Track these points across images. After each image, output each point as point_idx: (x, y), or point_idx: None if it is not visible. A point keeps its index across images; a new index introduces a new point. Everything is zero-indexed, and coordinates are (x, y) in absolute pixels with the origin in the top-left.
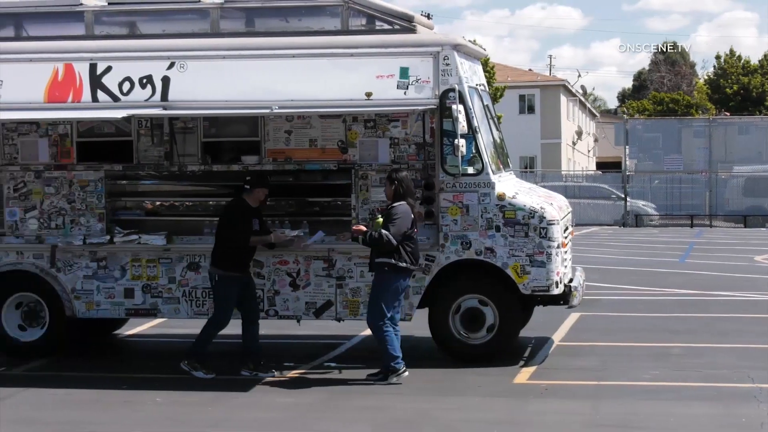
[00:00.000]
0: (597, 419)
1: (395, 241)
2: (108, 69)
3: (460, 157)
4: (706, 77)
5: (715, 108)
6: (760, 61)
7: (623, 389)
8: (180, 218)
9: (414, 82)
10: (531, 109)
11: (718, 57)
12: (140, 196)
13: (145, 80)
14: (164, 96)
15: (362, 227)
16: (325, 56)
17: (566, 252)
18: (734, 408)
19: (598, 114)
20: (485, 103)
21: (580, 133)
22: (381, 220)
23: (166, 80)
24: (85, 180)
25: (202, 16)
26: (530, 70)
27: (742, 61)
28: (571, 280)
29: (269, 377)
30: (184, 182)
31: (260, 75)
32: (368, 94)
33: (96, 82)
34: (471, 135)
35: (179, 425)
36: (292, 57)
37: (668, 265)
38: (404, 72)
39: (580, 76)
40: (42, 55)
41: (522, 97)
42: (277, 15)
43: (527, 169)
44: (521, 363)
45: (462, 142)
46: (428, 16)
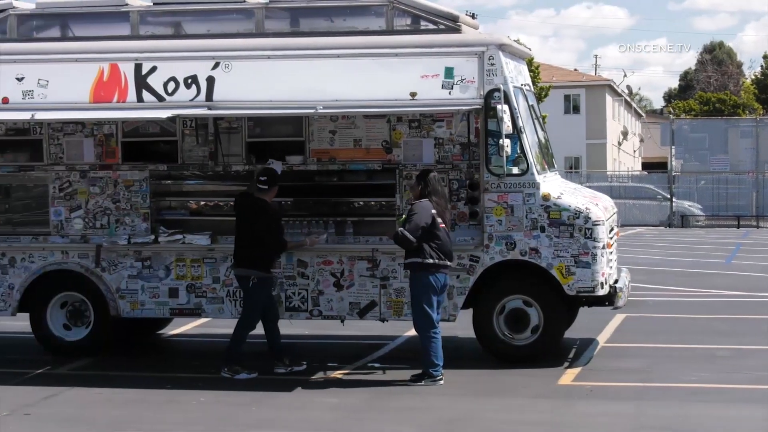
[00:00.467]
0: (642, 421)
1: (412, 237)
2: (153, 69)
3: (505, 158)
4: (753, 77)
5: (762, 108)
6: None
7: (669, 391)
8: (224, 218)
9: (459, 82)
10: (576, 109)
11: (765, 56)
12: (185, 195)
13: (190, 80)
14: (209, 96)
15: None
16: (369, 56)
17: (611, 253)
18: None
19: (643, 114)
20: (530, 103)
21: (625, 134)
22: (401, 219)
23: (210, 80)
24: (130, 180)
25: (247, 16)
26: (575, 69)
27: None
28: (616, 281)
29: (302, 369)
30: (229, 182)
31: (305, 75)
32: (413, 94)
33: (141, 82)
34: (516, 135)
35: (223, 425)
36: (336, 57)
37: (714, 266)
38: (449, 72)
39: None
40: (87, 56)
41: (567, 97)
42: (322, 15)
43: (572, 170)
44: (566, 364)
45: (507, 142)
46: (473, 16)
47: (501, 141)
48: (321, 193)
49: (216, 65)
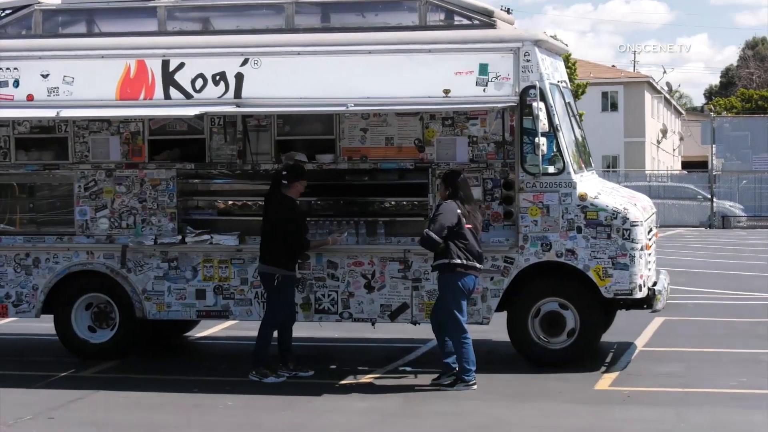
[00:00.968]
0: (682, 428)
1: (438, 238)
2: (181, 65)
3: (541, 156)
4: None
5: None
6: None
7: (709, 396)
8: (253, 218)
9: (494, 79)
10: (614, 107)
11: None
12: (212, 195)
13: (218, 77)
14: (237, 93)
15: None
16: (402, 52)
17: (650, 254)
18: None
19: (683, 112)
20: (567, 101)
21: (665, 132)
22: (428, 220)
23: (239, 77)
24: (156, 179)
25: (276, 12)
26: (613, 66)
27: None
28: (654, 284)
29: (308, 375)
30: (257, 181)
31: (335, 72)
32: (446, 91)
33: (168, 78)
34: (552, 133)
35: (251, 430)
36: (368, 53)
37: (756, 268)
38: (483, 68)
39: (665, 72)
40: (114, 52)
41: (605, 94)
42: (353, 10)
43: (610, 169)
44: (603, 369)
45: (543, 140)
46: (508, 11)
47: (537, 139)
48: (352, 193)
49: (245, 61)
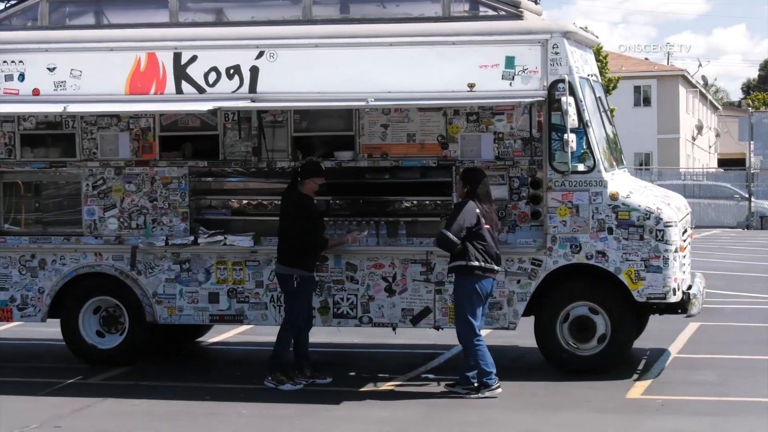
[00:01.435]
0: None
1: (456, 239)
2: (193, 58)
3: (570, 153)
4: None
5: None
6: None
7: (747, 406)
8: (268, 218)
9: (520, 73)
10: (647, 102)
11: None
12: (226, 194)
13: (232, 70)
14: (252, 87)
15: None
16: (424, 45)
17: (685, 256)
18: None
19: (720, 107)
20: (597, 95)
21: (700, 128)
22: (444, 220)
23: (254, 70)
24: (168, 177)
25: (293, 2)
26: (646, 59)
27: None
28: (689, 287)
29: (326, 383)
30: (273, 179)
31: (355, 65)
32: (471, 86)
33: (180, 72)
34: (582, 129)
35: None
36: (389, 45)
37: None
38: (510, 61)
39: (701, 65)
40: (123, 44)
41: (637, 89)
42: (374, 0)
43: (642, 167)
44: (635, 376)
45: (572, 136)
46: (536, 2)
47: (566, 136)
48: (372, 192)
49: (260, 54)
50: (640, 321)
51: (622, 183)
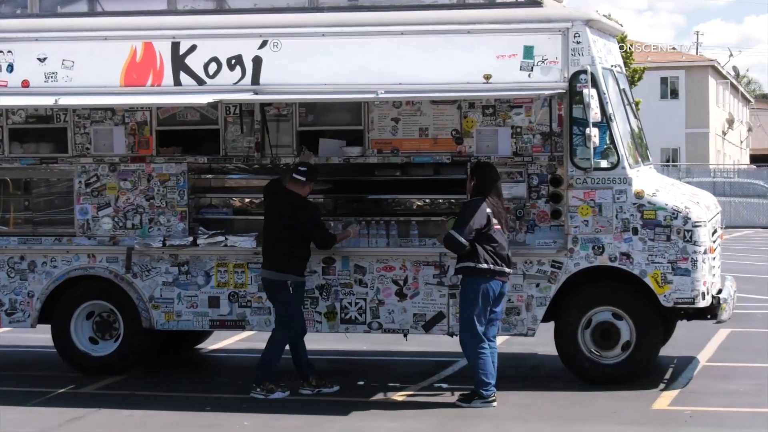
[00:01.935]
0: None
1: (464, 240)
2: (192, 48)
3: (593, 149)
4: None
5: None
6: None
7: None
8: None
9: (540, 63)
10: (674, 94)
11: None
12: (227, 192)
13: (233, 61)
14: (255, 79)
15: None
16: (438, 33)
17: (714, 258)
18: None
19: (752, 99)
20: (621, 87)
21: (731, 122)
22: (451, 219)
23: (257, 61)
24: (165, 174)
25: None
26: (674, 48)
27: None
28: (719, 291)
29: (333, 391)
30: (277, 176)
31: (364, 55)
32: (487, 77)
33: (179, 63)
34: (605, 123)
35: None
36: (400, 34)
37: None
38: (528, 51)
39: (732, 55)
40: (118, 33)
41: (664, 80)
42: None
43: (669, 163)
44: (662, 386)
45: (594, 131)
46: None
47: (588, 130)
48: (382, 189)
49: (263, 44)
50: (667, 327)
51: (647, 180)
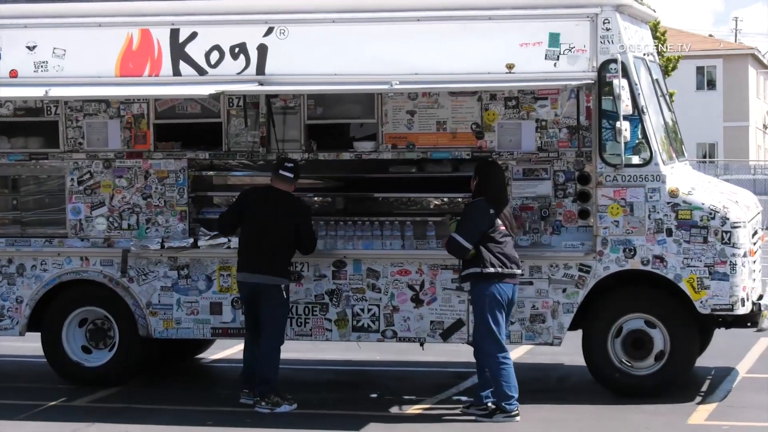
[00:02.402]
0: None
1: (468, 244)
2: (193, 36)
3: (623, 144)
4: None
5: None
6: None
7: None
8: None
9: (566, 51)
10: (711, 84)
11: None
12: (230, 190)
13: (237, 49)
14: (260, 69)
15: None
16: (457, 20)
17: (755, 262)
18: None
19: None
20: (654, 77)
21: None
22: (454, 222)
23: (262, 49)
24: (164, 170)
25: None
26: (711, 36)
27: None
28: (760, 297)
29: (292, 410)
30: None
31: (377, 43)
32: (510, 66)
33: (178, 51)
34: (636, 116)
35: None
36: (416, 21)
37: None
38: (554, 39)
39: None
40: (114, 19)
41: (700, 70)
42: None
43: (706, 159)
44: (698, 399)
45: (625, 124)
46: None
47: (618, 123)
48: (396, 187)
49: (269, 31)
50: (704, 336)
51: (682, 177)
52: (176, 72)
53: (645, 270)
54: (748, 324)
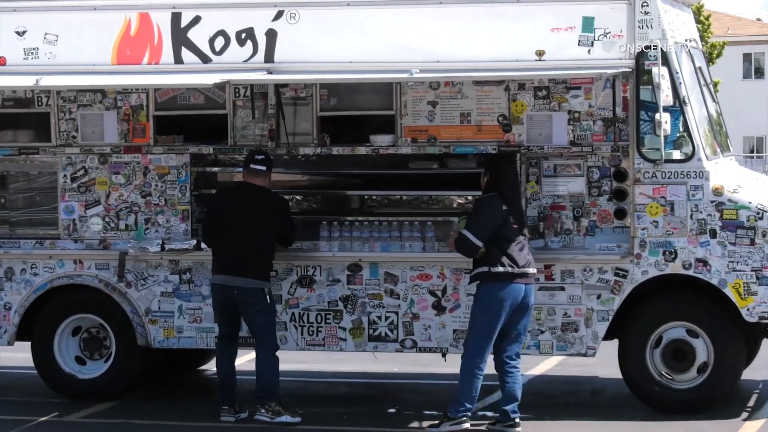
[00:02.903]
0: None
1: (479, 241)
2: (196, 20)
3: (663, 137)
4: None
5: None
6: None
7: None
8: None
9: (601, 37)
10: (759, 73)
11: None
12: None
13: (244, 35)
14: (269, 56)
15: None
16: (482, 2)
17: None
18: None
19: None
20: (697, 65)
21: None
22: (463, 219)
23: (271, 35)
24: (164, 166)
25: None
26: (759, 20)
27: None
28: None
29: (295, 422)
30: (295, 170)
31: (396, 28)
32: (539, 53)
33: (180, 37)
34: (678, 107)
35: None
36: (438, 4)
37: None
38: (588, 23)
39: None
40: (110, 2)
41: (747, 57)
42: None
43: (753, 154)
44: (744, 415)
45: (665, 116)
46: None
47: (657, 115)
48: (416, 185)
49: (279, 15)
50: (750, 346)
51: (727, 174)
52: (178, 59)
53: (687, 274)
54: None
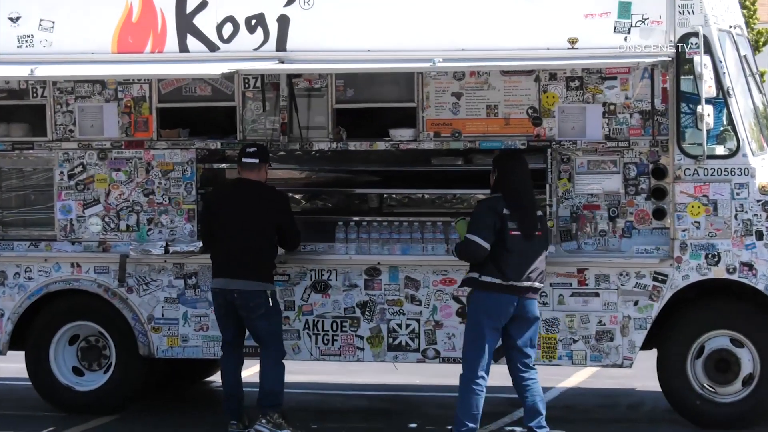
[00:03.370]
0: None
1: (486, 243)
2: (202, 5)
3: (706, 131)
4: None
5: None
6: None
7: None
8: (301, 216)
9: (639, 23)
10: None
11: None
12: None
13: (254, 21)
14: (281, 44)
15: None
16: None
17: None
18: None
19: None
20: (742, 54)
21: None
22: (461, 221)
23: (283, 21)
24: (168, 162)
25: None
26: None
27: None
28: None
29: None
30: (308, 166)
31: (417, 14)
32: (572, 41)
33: (185, 23)
34: (721, 99)
35: None
36: None
37: None
38: (625, 8)
39: None
40: None
41: None
42: None
43: None
44: None
45: (708, 109)
46: None
47: (699, 108)
48: (439, 182)
49: (291, 0)
50: None
51: None
52: (183, 48)
53: (731, 279)
54: None
